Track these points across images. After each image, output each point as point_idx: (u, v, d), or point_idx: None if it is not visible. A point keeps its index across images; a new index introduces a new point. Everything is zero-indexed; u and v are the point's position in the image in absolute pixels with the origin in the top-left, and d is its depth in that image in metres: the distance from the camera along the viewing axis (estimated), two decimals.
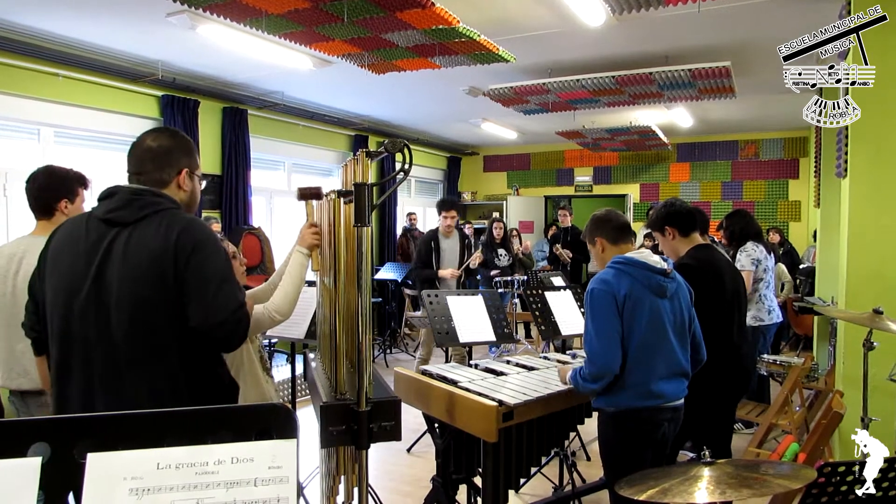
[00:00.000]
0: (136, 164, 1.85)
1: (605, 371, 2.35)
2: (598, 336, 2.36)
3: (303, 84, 6.67)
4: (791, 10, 4.41)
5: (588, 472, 4.08)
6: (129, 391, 1.66)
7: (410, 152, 1.87)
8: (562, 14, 4.48)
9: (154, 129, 1.94)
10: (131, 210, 1.74)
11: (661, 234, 3.06)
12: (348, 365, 2.05)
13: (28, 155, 5.34)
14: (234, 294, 1.72)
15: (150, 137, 1.87)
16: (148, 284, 1.66)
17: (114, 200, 1.77)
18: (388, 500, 3.80)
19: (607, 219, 2.58)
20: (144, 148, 1.85)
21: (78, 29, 4.90)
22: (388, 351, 8.09)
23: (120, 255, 1.69)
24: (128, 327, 1.66)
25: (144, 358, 1.67)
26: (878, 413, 3.00)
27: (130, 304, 1.66)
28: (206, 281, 1.69)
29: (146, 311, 1.66)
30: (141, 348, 1.66)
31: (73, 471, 0.86)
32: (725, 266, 3.02)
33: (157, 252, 1.68)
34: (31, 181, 2.57)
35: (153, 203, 1.76)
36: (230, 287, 1.72)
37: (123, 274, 1.67)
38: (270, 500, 0.88)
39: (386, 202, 9.42)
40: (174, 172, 1.86)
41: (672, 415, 2.44)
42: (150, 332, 1.67)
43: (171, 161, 1.86)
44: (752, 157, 9.91)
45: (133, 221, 1.72)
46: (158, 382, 1.67)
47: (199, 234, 1.73)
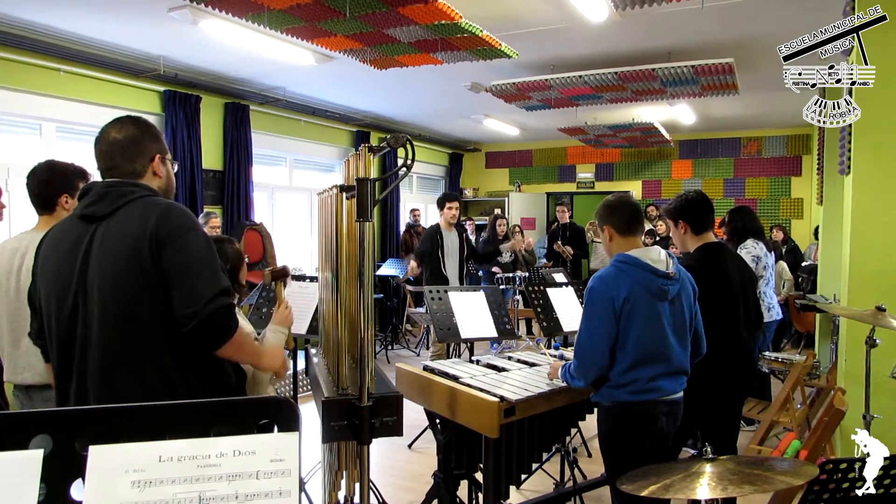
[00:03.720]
0: (105, 158, 1.78)
1: (591, 369, 2.38)
2: (588, 335, 2.38)
3: (305, 79, 6.66)
4: (794, 7, 4.39)
5: (589, 468, 4.08)
6: (120, 388, 1.63)
7: (413, 148, 1.87)
8: (564, 10, 4.47)
9: (116, 119, 1.83)
10: (105, 202, 1.69)
11: (675, 226, 3.04)
12: (350, 360, 2.05)
13: (30, 150, 5.35)
14: (216, 281, 1.64)
15: (113, 129, 1.78)
16: (127, 274, 1.61)
17: (89, 196, 1.73)
18: (390, 495, 3.81)
19: (620, 209, 2.53)
20: (110, 141, 1.77)
21: (80, 24, 4.90)
22: (389, 347, 8.10)
23: (99, 250, 1.65)
24: (114, 322, 1.62)
25: (133, 352, 1.63)
26: (881, 410, 3.00)
27: (114, 297, 1.62)
28: (184, 267, 1.62)
29: (130, 303, 1.62)
30: (129, 342, 1.62)
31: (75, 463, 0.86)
32: (733, 266, 2.99)
33: (134, 239, 1.62)
34: (32, 177, 2.56)
35: (128, 192, 1.71)
36: (210, 274, 1.64)
37: (104, 267, 1.63)
38: (272, 493, 0.88)
39: (388, 198, 9.42)
40: (147, 161, 1.80)
41: (670, 408, 2.45)
42: (136, 324, 1.62)
43: (141, 150, 1.79)
44: (754, 154, 9.89)
45: (108, 213, 1.68)
46: (149, 377, 1.63)
47: (177, 219, 1.67)
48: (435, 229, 5.80)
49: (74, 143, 5.73)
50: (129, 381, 1.63)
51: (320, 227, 2.73)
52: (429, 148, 10.72)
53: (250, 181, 7.16)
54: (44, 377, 2.49)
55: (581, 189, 11.20)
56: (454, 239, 5.82)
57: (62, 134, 5.62)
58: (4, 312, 2.53)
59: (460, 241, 5.85)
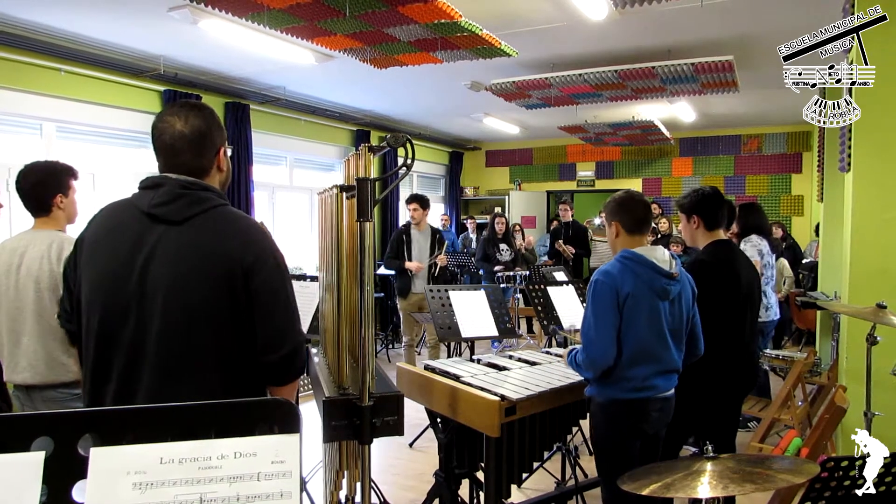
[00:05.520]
0: (171, 154, 1.63)
1: (600, 361, 2.39)
2: (595, 326, 2.39)
3: (305, 79, 6.66)
4: (794, 4, 4.38)
5: (590, 466, 4.07)
6: (164, 399, 1.51)
7: (413, 147, 1.86)
8: (564, 8, 4.46)
9: (177, 106, 1.69)
10: (179, 207, 1.58)
11: (687, 220, 3.03)
12: (351, 360, 2.05)
13: (30, 150, 5.34)
14: (297, 318, 1.64)
15: (178, 121, 1.63)
16: (202, 291, 1.54)
17: (160, 193, 1.59)
18: (391, 494, 3.81)
19: (632, 208, 2.52)
20: (177, 135, 1.62)
21: (80, 24, 4.89)
22: (390, 346, 8.10)
23: (169, 258, 1.54)
24: (173, 334, 1.53)
25: (184, 368, 1.54)
26: (882, 408, 3.00)
27: (181, 309, 1.53)
28: (273, 301, 1.58)
29: (195, 320, 1.53)
30: (183, 357, 1.54)
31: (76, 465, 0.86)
32: (742, 265, 2.99)
33: (213, 259, 1.55)
34: (23, 180, 2.56)
35: (203, 199, 1.60)
36: (294, 310, 1.63)
37: (174, 279, 1.53)
38: (274, 494, 0.89)
39: (388, 197, 9.41)
40: (213, 155, 1.69)
41: (661, 405, 2.48)
42: (195, 342, 1.54)
43: (209, 144, 1.67)
44: (754, 151, 9.88)
45: (182, 220, 1.57)
46: (192, 396, 1.52)
47: (259, 241, 1.62)
48: (404, 228, 6.10)
49: (75, 142, 5.73)
50: (177, 390, 1.54)
51: (321, 226, 2.73)
52: (429, 146, 10.71)
53: (251, 180, 7.15)
54: (44, 377, 2.50)
55: (581, 187, 11.20)
56: (422, 238, 6.09)
57: (62, 134, 5.62)
58: (4, 312, 2.53)
59: (431, 241, 6.09)
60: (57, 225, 2.60)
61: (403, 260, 5.98)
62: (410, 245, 6.03)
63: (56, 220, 2.60)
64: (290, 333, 1.63)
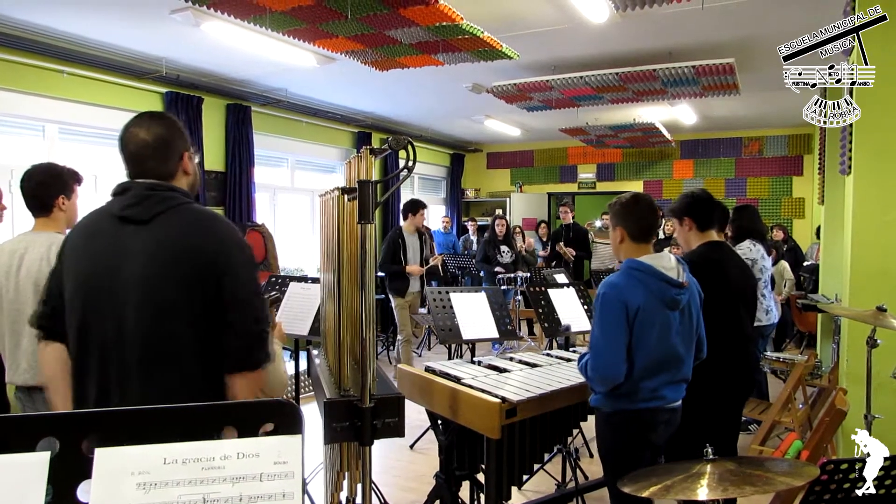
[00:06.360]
0: (136, 162, 1.74)
1: (610, 377, 2.31)
2: (604, 343, 2.30)
3: (306, 81, 6.67)
4: (794, 7, 4.39)
5: (591, 468, 4.08)
6: (144, 395, 1.61)
7: (414, 149, 1.87)
8: (565, 10, 4.47)
9: (139, 117, 1.78)
10: (146, 207, 1.67)
11: (679, 224, 3.03)
12: (352, 361, 2.06)
13: (32, 152, 5.36)
14: (264, 308, 1.70)
15: (141, 130, 1.73)
16: (173, 286, 1.61)
17: (128, 197, 1.70)
18: (392, 496, 3.82)
19: (638, 215, 2.44)
20: (140, 144, 1.72)
21: (82, 26, 4.91)
22: (391, 347, 8.10)
23: (140, 256, 1.63)
24: (147, 329, 1.61)
25: (162, 362, 1.62)
26: (882, 410, 3.00)
27: (153, 304, 1.61)
28: (241, 291, 1.65)
29: (168, 314, 1.61)
30: (160, 351, 1.61)
31: (81, 465, 0.87)
32: (733, 265, 2.98)
33: (180, 253, 1.63)
34: (28, 180, 2.57)
35: (168, 198, 1.69)
36: (261, 299, 1.70)
37: (146, 276, 1.62)
38: (276, 494, 0.89)
39: (389, 199, 9.42)
40: (177, 160, 1.77)
41: (669, 416, 2.42)
42: (170, 335, 1.62)
43: (171, 151, 1.76)
44: (755, 153, 9.88)
45: (149, 219, 1.66)
46: (174, 389, 1.62)
47: (225, 235, 1.70)
48: (397, 233, 6.16)
49: (77, 144, 5.75)
50: (155, 390, 1.61)
51: (322, 228, 2.74)
52: (430, 148, 10.72)
53: (252, 182, 7.17)
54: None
55: (582, 189, 11.21)
56: (414, 241, 6.23)
57: (65, 135, 5.64)
58: (5, 314, 2.54)
59: (420, 242, 6.25)
60: (56, 227, 2.61)
61: (401, 264, 6.09)
62: (406, 249, 6.13)
63: (56, 221, 2.61)
64: (251, 321, 1.66)
